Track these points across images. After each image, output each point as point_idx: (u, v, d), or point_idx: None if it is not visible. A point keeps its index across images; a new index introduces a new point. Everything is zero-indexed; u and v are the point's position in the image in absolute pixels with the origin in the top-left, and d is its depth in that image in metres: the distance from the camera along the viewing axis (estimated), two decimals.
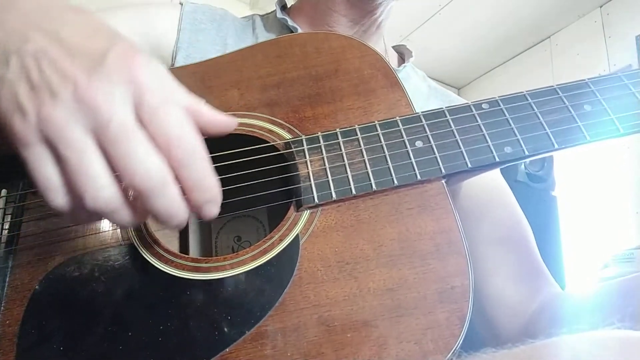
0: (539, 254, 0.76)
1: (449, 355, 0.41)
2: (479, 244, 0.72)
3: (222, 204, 0.44)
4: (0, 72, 0.38)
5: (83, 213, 0.38)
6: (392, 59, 0.91)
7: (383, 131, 0.52)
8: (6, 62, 0.38)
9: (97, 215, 0.39)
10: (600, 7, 3.53)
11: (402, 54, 0.93)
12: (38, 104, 0.36)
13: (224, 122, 0.44)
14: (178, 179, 0.38)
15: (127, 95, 0.37)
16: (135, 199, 0.38)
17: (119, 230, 0.49)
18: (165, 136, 0.37)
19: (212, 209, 0.40)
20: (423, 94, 0.88)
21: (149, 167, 0.37)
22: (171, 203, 0.38)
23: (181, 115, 0.39)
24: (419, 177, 0.49)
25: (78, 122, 0.36)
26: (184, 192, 0.39)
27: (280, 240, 0.47)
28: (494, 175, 0.84)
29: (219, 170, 0.50)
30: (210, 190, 0.40)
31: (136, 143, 0.37)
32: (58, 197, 0.38)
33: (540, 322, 0.66)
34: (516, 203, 0.82)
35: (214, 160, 0.51)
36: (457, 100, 0.92)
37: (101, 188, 0.37)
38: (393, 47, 0.94)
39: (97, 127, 0.36)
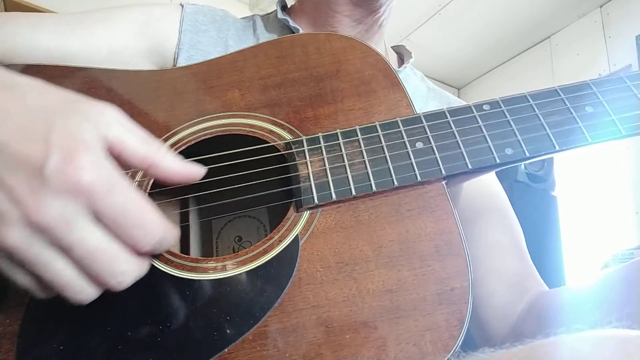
0: (528, 257, 0.78)
1: (447, 357, 0.41)
2: (471, 247, 0.73)
3: (223, 204, 0.44)
4: None
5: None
6: (391, 59, 0.91)
7: (383, 132, 0.52)
8: None
9: None
10: (600, 7, 3.53)
11: (401, 55, 0.93)
12: None
13: (186, 174, 0.43)
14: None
15: (80, 208, 0.36)
16: None
17: None
18: (130, 239, 0.39)
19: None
20: (422, 95, 0.88)
21: (120, 280, 0.39)
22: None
23: (139, 213, 0.39)
24: (419, 178, 0.49)
25: (37, 243, 0.36)
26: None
27: (280, 240, 0.47)
28: (490, 180, 0.85)
29: (221, 171, 0.50)
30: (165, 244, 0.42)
31: (103, 260, 0.38)
32: (42, 294, 0.40)
33: (526, 322, 0.67)
34: (510, 207, 0.83)
35: (216, 160, 0.51)
36: (456, 101, 0.92)
37: (79, 292, 0.38)
38: (392, 47, 0.94)
39: (59, 246, 0.37)
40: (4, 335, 0.43)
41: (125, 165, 0.40)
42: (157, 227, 0.39)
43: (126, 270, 0.39)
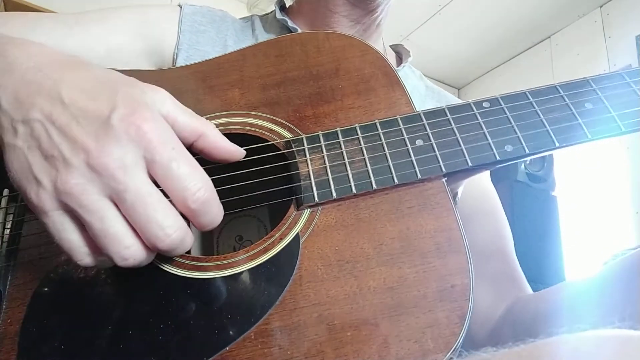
0: (514, 261, 0.78)
1: (449, 354, 0.41)
2: None
3: (224, 202, 0.44)
4: (11, 140, 0.40)
5: (110, 263, 0.41)
6: (390, 58, 0.91)
7: (383, 130, 0.52)
8: (14, 131, 0.40)
9: None
10: (600, 7, 3.53)
11: (400, 54, 0.93)
12: (53, 174, 0.38)
13: (231, 151, 0.48)
14: (191, 221, 0.43)
15: (138, 156, 0.39)
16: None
17: None
18: (181, 191, 0.40)
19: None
20: (420, 93, 0.89)
21: (168, 232, 0.40)
22: (187, 247, 0.43)
23: (190, 167, 0.41)
24: (419, 175, 0.49)
25: (94, 189, 0.38)
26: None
27: (281, 239, 0.47)
28: (484, 183, 0.85)
29: (221, 170, 0.50)
30: (216, 220, 0.44)
31: (153, 208, 0.39)
32: (84, 257, 0.41)
33: (502, 329, 0.68)
34: (501, 210, 0.84)
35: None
36: (454, 100, 0.93)
37: (126, 248, 0.39)
38: (390, 46, 0.94)
39: (113, 193, 0.38)
40: (6, 335, 0.44)
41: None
42: (207, 183, 0.42)
43: (173, 224, 0.40)
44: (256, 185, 0.51)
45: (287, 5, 0.90)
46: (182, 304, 0.45)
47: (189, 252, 0.58)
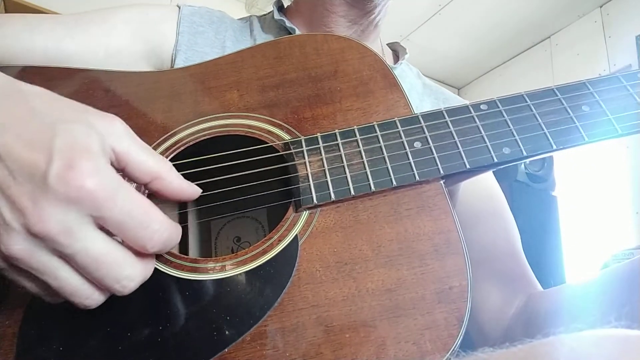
0: (524, 259, 0.78)
1: (447, 356, 0.41)
2: (469, 252, 0.73)
3: (222, 204, 0.45)
4: None
5: None
6: (387, 57, 0.91)
7: (382, 132, 0.52)
8: None
9: None
10: (600, 7, 3.53)
11: (397, 52, 0.93)
12: None
13: (187, 192, 0.44)
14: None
15: (82, 215, 0.36)
16: None
17: None
18: (138, 240, 0.39)
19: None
20: (418, 91, 0.89)
21: (125, 284, 0.39)
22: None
23: (144, 214, 0.39)
24: (417, 177, 0.49)
25: (41, 251, 0.36)
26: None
27: (279, 240, 0.47)
28: (488, 183, 0.85)
29: (219, 172, 0.50)
30: (171, 243, 0.42)
31: (106, 267, 0.38)
32: (52, 300, 0.40)
33: (516, 326, 0.68)
34: (507, 209, 0.84)
35: (214, 161, 0.51)
36: (451, 96, 0.93)
37: (86, 298, 0.39)
38: (387, 44, 0.94)
39: (62, 254, 0.37)
40: (4, 336, 0.44)
41: (129, 178, 0.41)
42: (163, 225, 0.40)
43: (131, 274, 0.39)
44: (255, 187, 0.51)
45: (285, 6, 0.90)
46: (180, 305, 0.45)
47: (187, 253, 0.59)
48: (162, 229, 0.39)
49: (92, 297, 0.39)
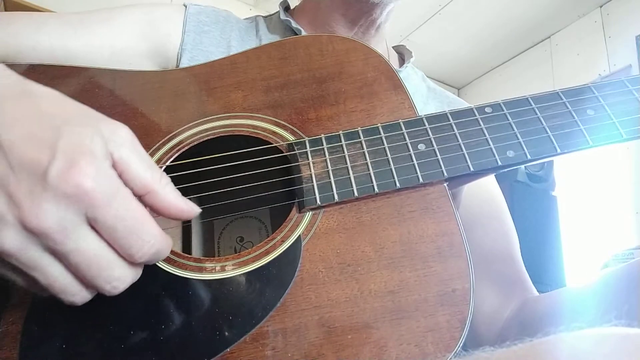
0: (521, 263, 0.79)
1: (449, 358, 0.41)
2: None
3: (226, 204, 0.45)
4: None
5: None
6: (393, 59, 0.91)
7: (386, 134, 0.52)
8: None
9: None
10: (600, 7, 3.53)
11: (402, 54, 0.93)
12: None
13: (182, 210, 0.43)
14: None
15: (78, 214, 0.36)
16: None
17: None
18: (127, 249, 0.38)
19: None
20: (422, 94, 0.89)
21: (115, 285, 0.39)
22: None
23: (137, 224, 0.38)
24: (421, 179, 0.49)
25: (33, 247, 0.36)
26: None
27: (283, 241, 0.47)
28: (490, 186, 0.85)
29: (223, 171, 0.50)
30: (160, 256, 0.41)
31: (98, 267, 0.38)
32: (41, 294, 0.40)
33: (510, 330, 0.68)
34: (507, 212, 0.85)
35: (218, 161, 0.51)
36: (456, 100, 0.93)
37: (73, 295, 0.39)
38: (393, 47, 0.94)
39: (55, 252, 0.37)
40: (7, 334, 0.44)
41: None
42: (155, 237, 0.39)
43: (121, 276, 0.39)
44: (258, 187, 0.51)
45: (292, 7, 0.91)
46: (183, 304, 0.45)
47: (189, 252, 0.59)
48: (153, 241, 0.39)
49: (79, 295, 0.39)
